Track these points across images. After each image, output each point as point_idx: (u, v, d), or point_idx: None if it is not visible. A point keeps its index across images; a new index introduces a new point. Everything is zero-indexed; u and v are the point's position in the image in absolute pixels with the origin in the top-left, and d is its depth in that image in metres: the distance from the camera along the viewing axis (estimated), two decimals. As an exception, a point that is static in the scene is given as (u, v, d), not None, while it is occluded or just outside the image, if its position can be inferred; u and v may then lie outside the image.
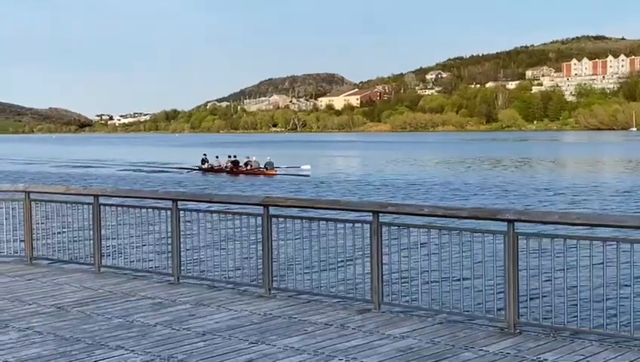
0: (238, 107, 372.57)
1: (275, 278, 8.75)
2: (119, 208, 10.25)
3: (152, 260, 10.10)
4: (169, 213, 9.51)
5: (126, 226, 10.08)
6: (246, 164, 52.94)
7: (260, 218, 8.72)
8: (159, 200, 10.10)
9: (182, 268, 9.51)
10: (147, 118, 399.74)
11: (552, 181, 42.51)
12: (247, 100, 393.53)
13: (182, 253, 9.48)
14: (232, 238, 9.12)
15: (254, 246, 8.93)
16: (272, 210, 8.74)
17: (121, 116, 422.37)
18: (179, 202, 9.54)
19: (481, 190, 37.23)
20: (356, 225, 8.14)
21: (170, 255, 9.57)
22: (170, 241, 9.53)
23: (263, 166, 51.75)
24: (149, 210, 9.87)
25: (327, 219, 8.41)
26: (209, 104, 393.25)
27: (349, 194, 35.53)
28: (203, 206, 9.78)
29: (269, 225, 8.65)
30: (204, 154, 57.24)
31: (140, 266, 10.05)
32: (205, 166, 55.88)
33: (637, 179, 44.00)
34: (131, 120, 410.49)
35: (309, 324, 7.30)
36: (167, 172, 56.46)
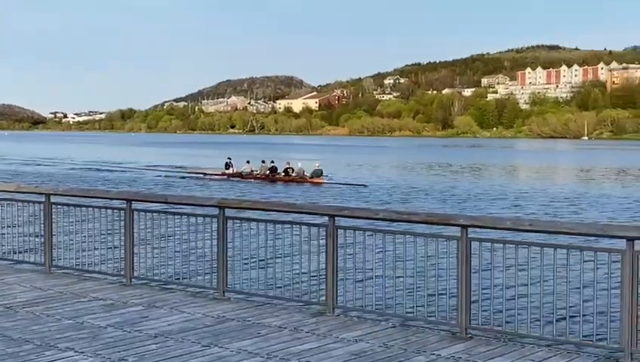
0: (196, 108, 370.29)
1: (229, 280, 8.71)
2: (71, 207, 10.10)
3: (104, 261, 9.98)
4: (122, 213, 9.40)
5: (78, 226, 9.94)
6: (285, 171, 46.28)
7: (215, 219, 8.68)
8: (113, 200, 9.99)
9: (134, 269, 9.42)
10: (102, 116, 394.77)
11: (505, 187, 43.07)
12: (205, 101, 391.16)
13: (135, 254, 9.38)
14: (187, 240, 9.06)
15: (209, 247, 8.88)
16: (228, 212, 8.70)
17: (75, 114, 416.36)
18: (133, 202, 9.44)
19: (436, 195, 37.55)
20: (312, 228, 8.15)
21: (122, 256, 9.46)
22: (122, 242, 9.42)
23: (310, 173, 45.39)
24: (102, 209, 9.75)
25: (283, 222, 8.40)
26: (166, 104, 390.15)
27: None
28: (158, 206, 9.68)
29: (224, 226, 8.61)
30: (229, 158, 49.92)
31: (91, 267, 9.92)
32: (231, 171, 48.50)
33: (587, 187, 44.82)
34: (86, 118, 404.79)
35: (263, 327, 7.28)
36: (184, 177, 48.99)
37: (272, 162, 47.43)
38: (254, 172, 47.59)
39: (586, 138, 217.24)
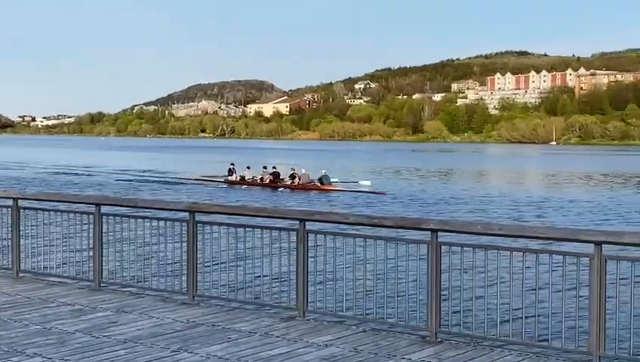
0: (166, 112, 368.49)
1: (199, 285, 8.67)
2: (39, 212, 9.98)
3: (72, 266, 9.87)
4: (91, 217, 9.31)
5: (46, 230, 9.83)
6: (292, 177, 43.92)
7: (185, 224, 8.63)
8: (81, 204, 9.89)
9: (103, 274, 9.33)
10: (71, 120, 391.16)
11: (473, 192, 43.34)
12: (176, 105, 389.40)
13: (104, 259, 9.29)
14: (157, 244, 9.00)
15: (179, 252, 8.83)
16: (198, 216, 8.65)
17: (44, 118, 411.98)
18: (102, 206, 9.35)
19: (403, 199, 37.67)
20: (282, 232, 8.13)
21: (91, 260, 9.37)
22: (91, 246, 9.33)
23: (316, 180, 43.06)
24: (71, 213, 9.65)
25: (253, 226, 8.38)
26: (136, 108, 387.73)
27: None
28: (127, 210, 9.61)
29: (194, 231, 8.57)
30: (232, 164, 47.47)
31: (59, 272, 9.81)
32: (233, 178, 46.37)
33: (555, 191, 45.26)
34: (55, 122, 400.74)
35: (233, 332, 7.25)
36: (183, 184, 47.18)
37: (274, 168, 45.41)
38: (255, 178, 45.74)
39: (554, 143, 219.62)
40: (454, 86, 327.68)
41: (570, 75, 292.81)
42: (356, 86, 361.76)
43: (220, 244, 8.52)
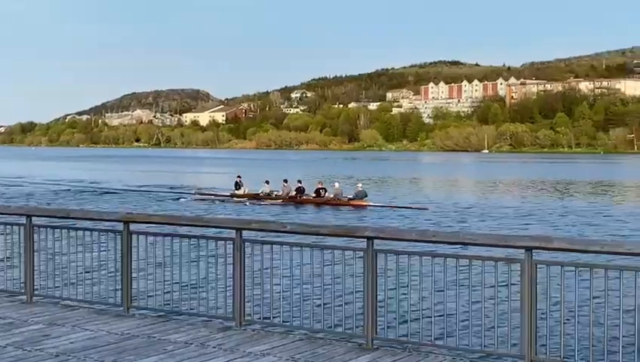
0: (100, 121, 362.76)
1: (134, 296, 8.55)
2: None
3: (2, 278, 9.62)
4: (22, 228, 9.10)
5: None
6: (317, 193, 39.61)
7: (119, 234, 8.51)
8: (11, 216, 9.65)
9: (35, 286, 9.12)
10: (2, 130, 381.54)
11: (410, 198, 43.75)
12: (109, 114, 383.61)
13: (35, 271, 9.09)
14: (90, 255, 8.84)
15: (113, 263, 8.69)
16: (133, 227, 8.54)
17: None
18: (33, 217, 9.15)
19: (342, 208, 37.80)
20: (219, 241, 8.09)
21: (22, 273, 9.15)
22: (22, 258, 9.11)
23: (352, 195, 38.83)
24: (1, 225, 9.41)
25: (189, 236, 8.31)
26: (68, 117, 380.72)
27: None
28: (59, 221, 9.41)
29: (128, 242, 8.45)
30: (239, 177, 43.08)
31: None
32: (242, 191, 41.84)
33: (487, 198, 46.10)
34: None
35: (169, 343, 7.17)
36: (181, 199, 42.83)
37: (300, 182, 40.99)
38: (274, 193, 41.00)
39: (486, 151, 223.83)
40: (389, 95, 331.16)
41: (501, 84, 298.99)
42: (292, 95, 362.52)
43: (156, 255, 8.43)
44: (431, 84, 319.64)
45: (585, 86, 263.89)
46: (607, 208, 39.22)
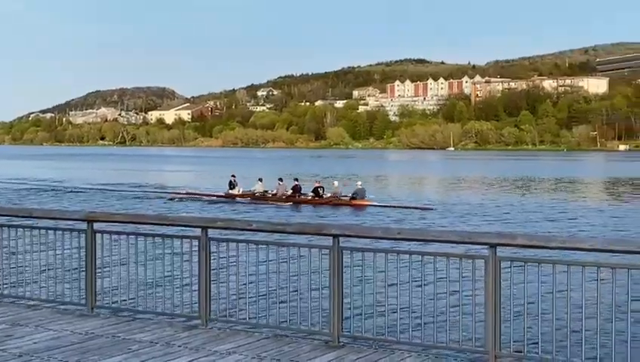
0: (64, 119, 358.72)
1: (98, 296, 8.48)
2: None
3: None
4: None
5: None
6: (315, 192, 38.36)
7: (83, 234, 8.42)
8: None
9: (-3, 286, 8.99)
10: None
11: (379, 197, 43.86)
12: (74, 112, 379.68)
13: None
14: (54, 254, 8.74)
15: (77, 262, 8.60)
16: (97, 226, 8.46)
17: None
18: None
19: (307, 206, 37.80)
20: (184, 240, 8.04)
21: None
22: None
23: (351, 194, 37.62)
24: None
25: (154, 235, 8.26)
26: (32, 115, 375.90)
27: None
28: (22, 221, 9.28)
29: (92, 241, 8.37)
30: (233, 176, 41.57)
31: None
32: (236, 191, 40.29)
33: (452, 195, 46.42)
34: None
35: (134, 343, 7.12)
36: (175, 200, 40.70)
37: (296, 180, 39.69)
38: (268, 192, 39.79)
39: (452, 149, 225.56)
40: (355, 93, 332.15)
41: (467, 82, 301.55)
42: (259, 93, 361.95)
43: (120, 253, 8.36)
44: (397, 82, 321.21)
45: (548, 84, 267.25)
46: (569, 205, 39.72)
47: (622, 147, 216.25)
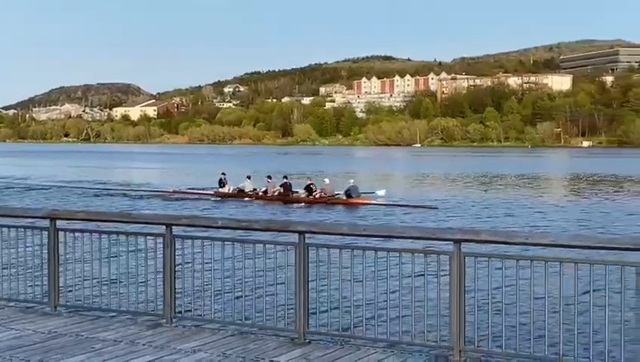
0: (27, 115, 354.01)
1: (61, 294, 8.37)
2: None
3: None
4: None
5: None
6: (308, 189, 37.25)
7: (46, 231, 8.31)
8: None
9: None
10: None
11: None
12: (37, 109, 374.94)
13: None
14: (16, 253, 8.61)
15: (39, 260, 8.49)
16: (60, 223, 8.35)
17: None
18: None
19: (276, 204, 37.68)
20: (149, 238, 7.97)
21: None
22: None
23: (343, 192, 36.55)
24: None
25: (118, 233, 8.18)
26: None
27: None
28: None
29: (55, 239, 8.26)
30: (223, 174, 40.65)
31: None
32: (227, 189, 39.55)
33: (418, 192, 46.65)
34: None
35: (97, 341, 7.04)
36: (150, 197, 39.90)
37: (285, 178, 38.63)
38: (257, 190, 38.90)
39: (418, 145, 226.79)
40: (322, 89, 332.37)
41: (433, 79, 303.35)
42: (225, 89, 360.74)
43: (83, 251, 8.26)
44: (364, 79, 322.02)
45: (513, 81, 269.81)
46: (532, 201, 40.14)
47: (585, 143, 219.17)
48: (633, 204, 38.00)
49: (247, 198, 38.26)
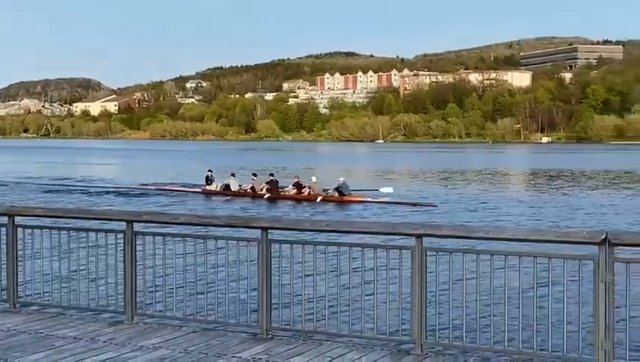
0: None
1: (20, 292, 8.27)
2: None
3: None
4: None
5: None
6: (298, 187, 36.37)
7: (4, 228, 8.19)
8: None
9: None
10: None
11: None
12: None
13: None
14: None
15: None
16: (19, 220, 8.24)
17: None
18: None
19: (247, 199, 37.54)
20: (109, 234, 7.90)
21: None
22: None
23: (333, 189, 35.59)
24: None
25: (78, 229, 8.09)
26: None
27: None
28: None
29: (14, 236, 8.15)
30: (210, 171, 39.93)
31: None
32: (214, 187, 38.74)
33: (382, 186, 46.80)
34: None
35: (57, 339, 6.97)
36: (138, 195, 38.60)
37: (271, 175, 37.78)
38: (242, 188, 37.96)
39: (381, 141, 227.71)
40: (285, 85, 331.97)
41: (395, 75, 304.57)
42: (187, 85, 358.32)
43: (43, 248, 8.16)
44: (327, 75, 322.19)
45: (474, 77, 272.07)
46: (492, 195, 40.54)
47: (544, 139, 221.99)
48: (589, 199, 38.61)
49: (231, 196, 37.26)
